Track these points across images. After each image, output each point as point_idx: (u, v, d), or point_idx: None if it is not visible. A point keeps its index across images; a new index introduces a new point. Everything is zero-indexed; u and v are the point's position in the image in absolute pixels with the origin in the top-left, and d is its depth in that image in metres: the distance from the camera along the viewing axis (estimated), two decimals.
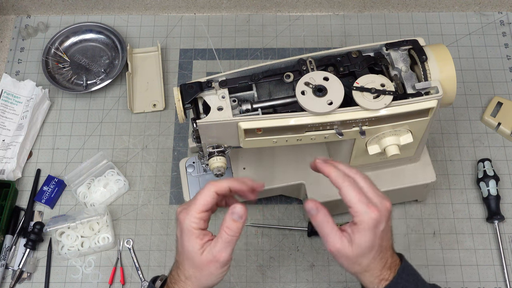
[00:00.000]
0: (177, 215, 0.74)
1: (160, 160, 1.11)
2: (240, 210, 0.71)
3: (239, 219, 0.71)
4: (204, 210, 0.72)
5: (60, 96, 1.18)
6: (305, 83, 0.80)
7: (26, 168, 1.11)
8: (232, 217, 0.71)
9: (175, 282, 0.74)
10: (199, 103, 0.84)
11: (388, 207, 0.71)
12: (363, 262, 0.70)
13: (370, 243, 0.69)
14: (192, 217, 0.71)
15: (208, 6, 1.26)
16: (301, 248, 1.02)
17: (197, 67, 1.21)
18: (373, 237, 0.69)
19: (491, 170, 1.04)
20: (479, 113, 1.14)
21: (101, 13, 1.27)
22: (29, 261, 1.01)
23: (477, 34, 1.23)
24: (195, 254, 0.71)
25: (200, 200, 0.72)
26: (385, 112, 0.80)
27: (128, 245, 1.03)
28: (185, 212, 0.72)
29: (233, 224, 0.71)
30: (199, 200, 0.72)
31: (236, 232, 0.71)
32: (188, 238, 0.71)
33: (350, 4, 1.25)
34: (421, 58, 0.83)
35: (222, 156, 0.87)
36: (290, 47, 1.23)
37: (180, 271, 0.73)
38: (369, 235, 0.69)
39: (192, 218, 0.71)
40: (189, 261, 0.72)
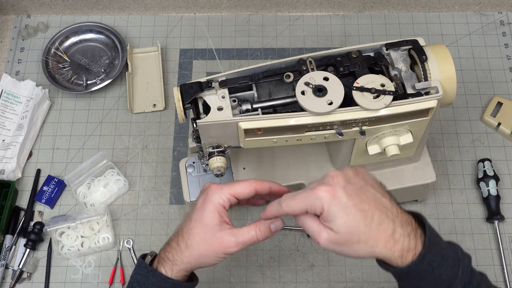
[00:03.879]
0: (206, 186, 0.75)
1: (160, 160, 1.11)
2: (280, 225, 0.73)
3: (273, 232, 0.72)
4: (236, 195, 0.73)
5: (60, 96, 1.18)
6: (305, 83, 0.80)
7: (26, 168, 1.11)
8: (271, 225, 0.72)
9: (169, 251, 0.74)
10: (199, 103, 0.84)
11: (333, 173, 0.65)
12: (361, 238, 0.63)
13: (347, 216, 0.63)
14: (223, 193, 0.72)
15: (208, 6, 1.26)
16: (301, 248, 1.02)
17: (197, 67, 1.21)
18: (343, 208, 0.63)
19: (491, 170, 1.04)
20: (479, 113, 1.14)
21: (101, 13, 1.27)
22: (29, 261, 1.01)
23: (477, 34, 1.23)
24: (211, 226, 0.72)
25: (237, 186, 0.73)
26: (385, 112, 0.80)
27: (128, 245, 1.03)
28: (218, 186, 0.73)
29: (266, 231, 0.72)
30: (236, 185, 0.73)
31: (261, 239, 0.72)
32: (211, 210, 0.72)
33: (350, 4, 1.25)
34: (421, 58, 0.83)
35: (222, 156, 0.87)
36: (290, 47, 1.23)
37: (182, 239, 0.73)
38: (338, 211, 0.63)
39: (223, 194, 0.72)
40: (201, 229, 0.72)
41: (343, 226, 0.63)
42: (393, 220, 0.64)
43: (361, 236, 0.63)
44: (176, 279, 0.72)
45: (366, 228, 0.63)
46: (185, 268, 0.73)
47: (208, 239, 0.72)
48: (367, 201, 0.64)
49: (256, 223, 0.72)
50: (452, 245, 0.67)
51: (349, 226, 0.63)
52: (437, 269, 0.63)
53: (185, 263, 0.72)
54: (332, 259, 1.01)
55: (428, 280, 0.64)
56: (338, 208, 0.63)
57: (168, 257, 0.73)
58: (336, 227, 0.63)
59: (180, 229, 0.75)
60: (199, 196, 0.76)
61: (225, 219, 0.73)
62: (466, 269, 0.65)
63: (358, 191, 0.64)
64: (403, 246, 0.63)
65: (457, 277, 0.64)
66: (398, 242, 0.63)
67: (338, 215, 0.63)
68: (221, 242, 0.71)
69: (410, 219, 0.65)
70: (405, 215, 0.66)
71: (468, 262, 0.66)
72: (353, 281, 1.00)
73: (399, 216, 0.65)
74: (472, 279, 0.65)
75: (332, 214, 0.63)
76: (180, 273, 0.73)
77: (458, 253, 0.66)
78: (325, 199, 0.63)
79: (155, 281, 0.72)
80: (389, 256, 0.63)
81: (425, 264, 0.63)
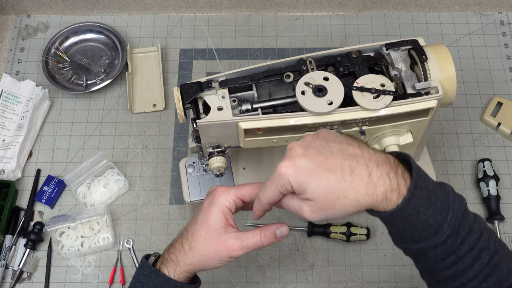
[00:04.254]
0: (212, 188, 0.75)
1: (160, 160, 1.11)
2: (286, 231, 0.72)
3: (278, 237, 0.72)
4: (242, 198, 0.73)
5: (60, 96, 1.18)
6: (305, 83, 0.80)
7: (26, 168, 1.11)
8: (276, 231, 0.72)
9: (173, 252, 0.73)
10: (199, 103, 0.84)
11: (291, 145, 0.63)
12: (339, 194, 0.60)
13: (315, 179, 0.60)
14: (229, 196, 0.72)
15: (208, 6, 1.26)
16: (301, 248, 1.02)
17: (197, 67, 1.21)
18: (309, 174, 0.61)
19: (491, 170, 1.04)
20: (479, 113, 1.14)
21: (101, 13, 1.27)
22: (29, 261, 1.01)
23: (477, 34, 1.23)
24: (216, 228, 0.71)
25: (244, 188, 0.73)
26: (385, 112, 0.80)
27: (128, 245, 1.03)
28: (225, 189, 0.73)
29: (272, 236, 0.72)
30: (243, 188, 0.73)
31: (266, 244, 0.72)
32: (217, 212, 0.72)
33: (350, 4, 1.25)
34: (421, 58, 0.83)
35: (222, 156, 0.87)
36: (290, 47, 1.23)
37: (187, 240, 0.73)
38: (305, 179, 0.61)
39: (229, 197, 0.72)
40: (206, 231, 0.72)
41: (316, 190, 0.61)
42: (365, 165, 0.60)
43: (339, 193, 0.60)
44: (179, 280, 0.72)
45: (340, 183, 0.60)
46: (188, 270, 0.73)
47: (212, 241, 0.71)
48: (332, 157, 0.61)
49: (262, 228, 0.72)
50: (443, 187, 0.64)
51: (322, 188, 0.60)
52: (423, 213, 0.61)
53: (188, 264, 0.72)
54: (332, 259, 1.01)
55: (414, 224, 0.61)
56: (304, 176, 0.61)
57: (172, 258, 0.73)
58: (311, 195, 0.61)
59: (185, 230, 0.75)
60: (206, 198, 0.75)
61: (231, 222, 0.72)
62: (456, 212, 0.62)
63: (320, 151, 0.62)
64: (385, 187, 0.60)
65: (446, 221, 0.61)
66: (378, 185, 0.60)
67: (307, 183, 0.61)
68: (226, 245, 0.71)
69: (387, 158, 0.62)
70: (380, 156, 0.62)
71: (459, 205, 0.63)
72: (353, 281, 1.00)
73: (372, 158, 0.61)
74: (464, 222, 0.62)
75: (301, 184, 0.61)
76: (183, 275, 0.73)
77: (449, 196, 0.63)
78: (288, 173, 0.62)
79: (158, 282, 0.72)
80: (374, 202, 0.60)
81: (410, 208, 0.60)
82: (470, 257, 0.63)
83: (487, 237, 0.64)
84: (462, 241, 0.62)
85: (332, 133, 0.65)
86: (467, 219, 0.63)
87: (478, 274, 0.63)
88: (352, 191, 0.60)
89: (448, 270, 0.64)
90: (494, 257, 0.63)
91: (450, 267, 0.64)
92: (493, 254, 0.63)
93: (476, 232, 0.63)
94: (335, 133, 0.65)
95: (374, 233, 1.02)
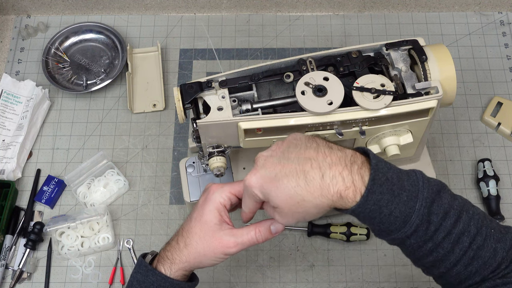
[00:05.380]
0: (208, 186, 0.75)
1: (160, 160, 1.11)
2: (280, 227, 0.72)
3: (273, 233, 0.72)
4: (237, 194, 0.73)
5: (60, 96, 1.18)
6: (305, 83, 0.80)
7: (26, 168, 1.11)
8: (271, 227, 0.72)
9: (169, 250, 0.74)
10: (199, 103, 0.84)
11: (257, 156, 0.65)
12: (298, 199, 0.61)
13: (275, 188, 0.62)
14: (223, 193, 0.73)
15: (208, 6, 1.26)
16: (301, 248, 1.02)
17: (197, 67, 1.21)
18: (269, 183, 0.63)
19: (491, 170, 1.04)
20: (479, 113, 1.14)
21: (101, 13, 1.27)
22: (29, 261, 1.01)
23: (477, 34, 1.23)
24: (211, 225, 0.71)
25: (238, 184, 0.73)
26: (385, 112, 0.80)
27: (128, 245, 1.03)
28: (219, 186, 0.74)
29: (266, 232, 0.72)
30: (237, 184, 0.73)
31: (261, 240, 0.72)
32: (211, 208, 0.72)
33: (350, 4, 1.25)
34: (421, 58, 0.83)
35: (222, 156, 0.87)
36: (290, 47, 1.23)
37: (182, 238, 0.73)
38: (267, 189, 0.63)
39: (223, 194, 0.72)
40: (201, 228, 0.72)
41: (277, 198, 0.62)
42: (318, 167, 0.61)
43: (297, 198, 0.61)
44: (175, 278, 0.72)
45: (295, 189, 0.61)
46: (184, 268, 0.73)
47: (207, 238, 0.71)
48: (289, 164, 0.62)
49: (256, 224, 0.72)
50: (411, 176, 0.63)
51: (281, 196, 0.62)
52: (386, 207, 0.60)
53: (184, 262, 0.72)
54: (332, 259, 1.01)
55: (379, 218, 0.61)
56: (265, 186, 0.63)
57: (168, 256, 0.73)
58: (274, 203, 0.63)
59: (181, 228, 0.75)
60: (201, 196, 0.76)
61: (225, 219, 0.73)
62: (425, 200, 0.61)
63: (279, 159, 0.63)
64: (338, 187, 0.60)
65: (413, 211, 0.61)
66: (332, 185, 0.60)
67: (268, 192, 0.63)
68: (220, 242, 0.71)
69: (343, 156, 0.62)
70: (336, 155, 0.62)
71: (429, 192, 0.62)
72: (353, 281, 1.00)
73: (326, 159, 0.61)
74: (436, 208, 0.62)
75: (264, 194, 0.64)
76: (179, 272, 0.73)
77: (417, 185, 0.62)
78: (252, 185, 0.64)
79: (155, 280, 0.72)
80: (331, 202, 0.61)
81: (370, 204, 0.60)
82: (448, 242, 0.62)
83: (467, 220, 0.63)
84: (436, 227, 0.62)
85: (297, 137, 0.65)
86: (440, 204, 0.62)
87: (461, 258, 0.63)
88: (307, 194, 0.61)
89: (429, 257, 0.64)
90: (476, 239, 0.63)
91: (430, 253, 0.64)
92: (474, 236, 0.63)
93: (452, 217, 0.62)
94: (299, 136, 0.65)
95: None
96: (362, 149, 0.65)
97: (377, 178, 0.61)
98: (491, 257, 0.63)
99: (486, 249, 0.63)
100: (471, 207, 0.66)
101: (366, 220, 0.63)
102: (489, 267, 0.63)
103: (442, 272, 0.65)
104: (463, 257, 0.63)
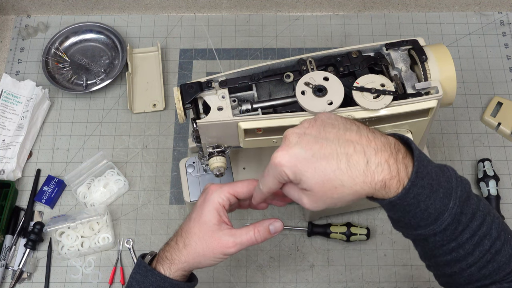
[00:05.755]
0: (207, 186, 0.75)
1: (160, 160, 1.11)
2: (280, 226, 0.72)
3: (272, 233, 0.72)
4: (236, 194, 0.73)
5: (60, 96, 1.18)
6: (305, 83, 0.80)
7: (26, 168, 1.11)
8: (270, 227, 0.72)
9: (168, 250, 0.74)
10: (199, 103, 0.84)
11: (287, 132, 0.61)
12: (336, 183, 0.58)
13: (310, 169, 0.58)
14: (222, 193, 0.72)
15: (208, 6, 1.26)
16: (301, 248, 1.02)
17: (197, 67, 1.21)
18: (304, 163, 0.58)
19: (491, 170, 1.04)
20: (479, 113, 1.14)
21: (101, 13, 1.27)
22: (29, 261, 1.01)
23: (477, 34, 1.23)
24: (210, 225, 0.71)
25: (237, 185, 0.73)
26: (385, 112, 0.80)
27: (128, 245, 1.03)
28: (218, 186, 0.73)
29: (265, 232, 0.72)
30: (236, 184, 0.73)
31: (260, 240, 0.72)
32: (210, 209, 0.72)
33: (350, 4, 1.25)
34: (421, 58, 0.82)
35: (222, 156, 0.87)
36: (290, 47, 1.23)
37: (181, 238, 0.73)
38: (300, 169, 0.58)
39: (222, 194, 0.72)
40: (200, 228, 0.72)
41: (312, 181, 0.58)
42: (363, 152, 0.57)
43: (335, 182, 0.57)
44: (174, 278, 0.72)
45: (335, 172, 0.57)
46: (183, 268, 0.73)
47: (206, 238, 0.71)
48: (328, 145, 0.58)
49: (255, 224, 0.72)
50: (446, 172, 0.61)
51: (317, 178, 0.58)
52: (424, 202, 0.58)
53: (183, 262, 0.72)
54: (332, 259, 1.01)
55: (413, 212, 0.59)
56: (299, 166, 0.59)
57: (167, 256, 0.73)
58: (307, 185, 0.59)
59: (180, 228, 0.75)
60: (200, 197, 0.76)
61: (224, 219, 0.73)
62: (458, 199, 0.59)
63: (316, 138, 0.59)
64: (384, 175, 0.57)
65: (447, 209, 0.59)
66: (377, 172, 0.57)
67: (302, 173, 0.59)
68: (219, 242, 0.71)
69: (387, 142, 0.59)
70: (380, 140, 0.59)
71: (462, 190, 0.60)
72: (353, 281, 1.00)
73: (371, 144, 0.58)
74: (466, 208, 0.60)
75: (296, 175, 0.59)
76: (178, 273, 0.73)
77: (451, 182, 0.60)
78: (283, 164, 0.59)
79: (154, 281, 0.72)
80: (372, 190, 0.58)
81: (410, 198, 0.58)
82: (471, 243, 0.61)
83: (490, 223, 0.62)
84: (464, 228, 0.61)
85: (332, 116, 0.62)
86: (469, 205, 0.61)
87: (478, 261, 0.62)
88: (348, 179, 0.57)
89: (447, 256, 0.63)
90: (496, 243, 0.62)
91: (450, 253, 0.63)
92: (495, 240, 0.62)
93: (478, 219, 0.61)
94: (334, 116, 0.62)
95: (374, 233, 1.02)
96: (399, 136, 0.62)
97: (420, 171, 0.58)
98: (506, 263, 0.63)
99: (503, 253, 0.63)
100: (492, 210, 0.65)
101: (398, 212, 0.60)
102: (502, 272, 0.63)
103: (454, 272, 0.64)
104: (481, 260, 0.62)
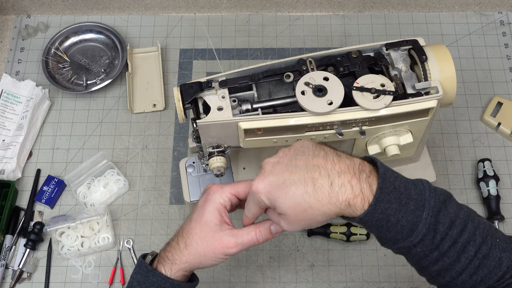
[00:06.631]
0: (208, 186, 0.75)
1: (160, 160, 1.11)
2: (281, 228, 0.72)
3: (273, 233, 0.72)
4: (237, 194, 0.73)
5: (60, 96, 1.18)
6: (305, 83, 0.80)
7: (26, 168, 1.11)
8: (271, 227, 0.72)
9: (169, 251, 0.74)
10: (199, 103, 0.84)
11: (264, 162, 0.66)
12: (305, 206, 0.62)
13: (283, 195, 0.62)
14: (223, 193, 0.73)
15: (208, 6, 1.26)
16: (301, 248, 1.02)
17: (197, 67, 1.21)
18: (277, 190, 0.63)
19: (491, 170, 1.04)
20: (479, 113, 1.14)
21: (101, 13, 1.27)
22: (29, 261, 1.01)
23: (477, 34, 1.23)
24: (211, 225, 0.72)
25: (238, 185, 0.73)
26: (385, 112, 0.80)
27: (128, 245, 1.03)
28: (219, 186, 0.74)
29: (266, 233, 0.72)
30: (237, 185, 0.74)
31: (261, 240, 0.72)
32: (211, 209, 0.72)
33: (350, 4, 1.25)
34: (421, 58, 0.83)
35: (222, 156, 0.87)
36: (290, 47, 1.23)
37: (182, 238, 0.73)
38: (274, 195, 0.63)
39: (224, 194, 0.73)
40: (201, 229, 0.72)
41: (284, 205, 0.63)
42: (327, 175, 0.61)
43: (304, 205, 0.61)
44: (175, 279, 0.72)
45: (304, 196, 0.61)
46: (184, 268, 0.73)
47: (207, 238, 0.71)
48: (297, 171, 0.62)
49: (257, 224, 0.72)
50: (418, 185, 0.64)
51: (288, 203, 0.62)
52: (394, 216, 0.61)
53: (184, 262, 0.72)
54: (332, 259, 1.01)
55: (386, 227, 0.62)
56: (273, 193, 0.63)
57: (168, 256, 0.73)
58: (281, 210, 0.63)
59: (181, 229, 0.75)
60: (201, 197, 0.76)
61: (226, 219, 0.73)
62: (432, 209, 0.62)
63: (287, 166, 0.63)
64: (347, 195, 0.61)
65: (420, 220, 0.61)
66: (340, 193, 0.61)
67: (276, 199, 0.63)
68: (221, 242, 0.71)
69: (351, 164, 0.62)
70: (344, 163, 0.62)
71: (435, 201, 0.62)
72: (353, 281, 1.00)
73: (335, 167, 0.62)
74: (442, 217, 0.62)
75: (271, 201, 0.64)
76: (179, 273, 0.73)
77: (424, 194, 0.63)
78: (259, 191, 0.64)
79: (155, 281, 0.72)
80: (339, 210, 0.61)
81: (377, 213, 0.61)
82: (454, 251, 0.63)
83: (472, 229, 0.63)
84: (443, 236, 0.62)
85: (304, 144, 0.66)
86: (446, 214, 0.63)
87: (466, 267, 0.63)
88: (316, 202, 0.61)
89: (435, 266, 0.64)
90: (481, 248, 0.63)
91: (436, 262, 0.64)
92: (480, 246, 0.63)
93: (458, 226, 0.63)
94: (307, 144, 0.66)
95: None
96: (369, 158, 0.65)
97: (385, 187, 0.61)
98: (496, 266, 0.63)
99: (491, 258, 0.63)
100: (477, 216, 0.66)
101: (373, 229, 0.64)
102: (494, 276, 0.63)
103: (447, 281, 0.65)
104: (469, 266, 0.63)
